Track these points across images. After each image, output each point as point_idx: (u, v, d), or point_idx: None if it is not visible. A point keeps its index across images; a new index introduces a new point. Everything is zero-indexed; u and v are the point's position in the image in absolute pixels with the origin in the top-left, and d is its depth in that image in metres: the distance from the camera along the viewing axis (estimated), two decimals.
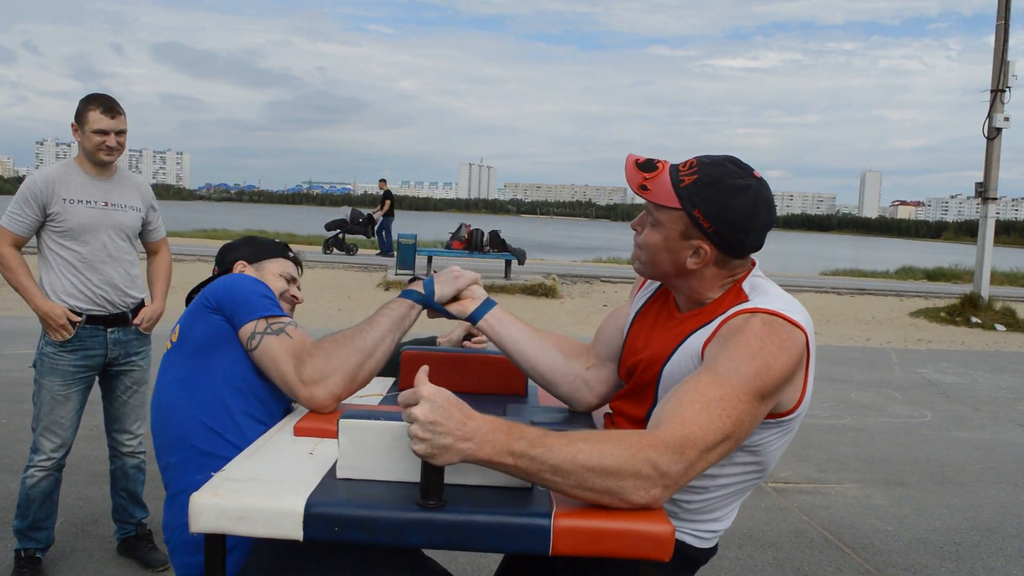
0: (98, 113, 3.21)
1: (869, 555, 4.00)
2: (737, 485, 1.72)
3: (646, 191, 1.70)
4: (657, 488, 1.37)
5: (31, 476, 3.25)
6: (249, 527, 1.32)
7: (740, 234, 1.66)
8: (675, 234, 1.68)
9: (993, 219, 14.86)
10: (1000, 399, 8.00)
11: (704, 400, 1.47)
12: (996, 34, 14.80)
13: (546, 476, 1.34)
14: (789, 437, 1.72)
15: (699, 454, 1.42)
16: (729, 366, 1.52)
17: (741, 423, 1.48)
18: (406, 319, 1.95)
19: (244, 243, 2.34)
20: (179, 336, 1.92)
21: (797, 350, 1.57)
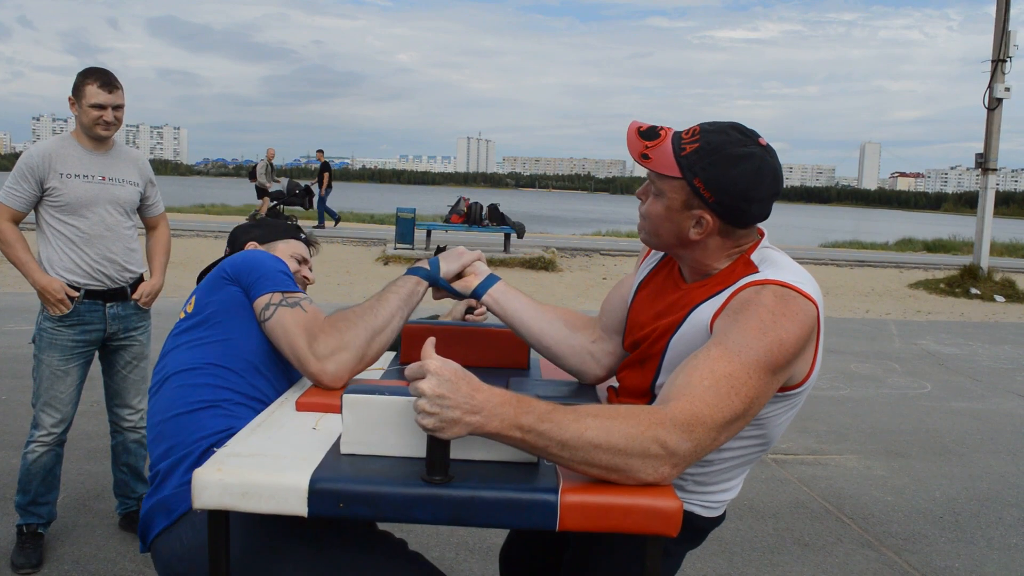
0: (95, 87, 3.18)
1: (869, 525, 4.02)
2: (742, 458, 1.72)
3: (647, 160, 1.65)
4: (665, 467, 1.36)
5: (32, 452, 3.25)
6: (253, 503, 1.31)
7: (743, 204, 1.61)
8: (677, 204, 1.64)
9: (993, 190, 14.83)
10: (999, 370, 8.02)
11: (714, 377, 1.43)
12: (997, 4, 14.68)
13: (553, 451, 1.33)
14: (796, 410, 1.70)
15: (708, 433, 1.40)
16: (740, 341, 1.48)
17: (752, 401, 1.46)
18: (414, 295, 1.94)
19: (256, 225, 2.35)
20: (195, 306, 1.92)
21: (809, 323, 1.53)
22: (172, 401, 1.79)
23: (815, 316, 1.55)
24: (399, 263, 14.07)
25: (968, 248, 21.00)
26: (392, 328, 1.88)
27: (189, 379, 1.80)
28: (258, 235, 2.31)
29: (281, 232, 2.33)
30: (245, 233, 2.32)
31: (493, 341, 2.20)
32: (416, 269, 1.99)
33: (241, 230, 2.34)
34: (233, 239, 2.33)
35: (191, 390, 1.78)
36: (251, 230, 2.33)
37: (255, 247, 2.23)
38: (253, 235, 2.30)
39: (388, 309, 1.88)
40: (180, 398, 1.78)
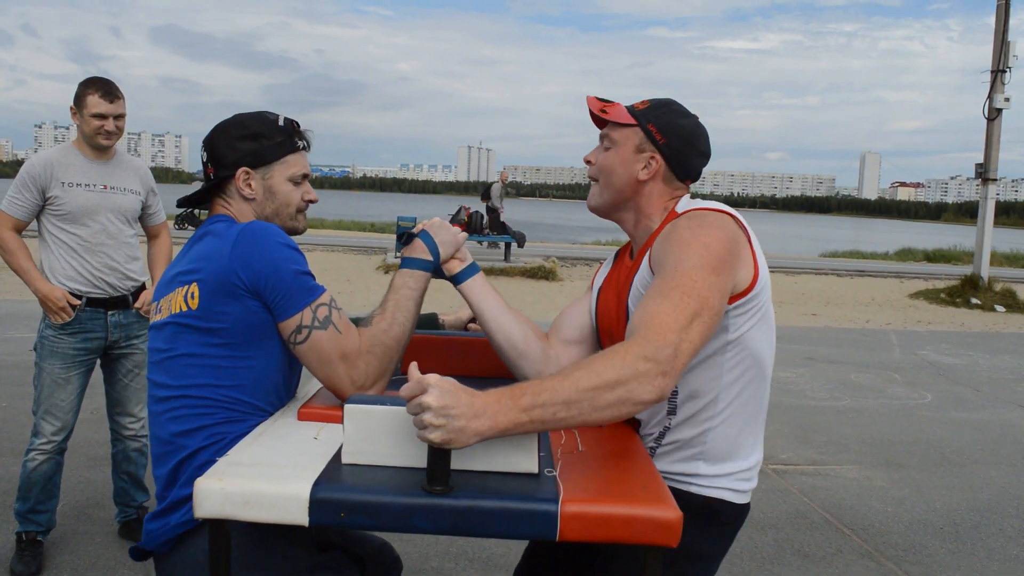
0: (97, 97, 3.19)
1: (869, 536, 4.02)
2: (744, 393, 1.78)
3: (606, 113, 1.89)
4: (659, 378, 1.43)
5: (32, 459, 3.25)
6: (254, 512, 1.31)
7: (687, 149, 1.86)
8: (630, 149, 1.86)
9: (993, 200, 14.84)
10: (1000, 380, 8.01)
11: (661, 295, 1.56)
12: (997, 14, 14.72)
13: (562, 415, 1.37)
14: (767, 324, 1.79)
15: (679, 334, 1.48)
16: (671, 261, 1.63)
17: (705, 298, 1.55)
18: (424, 292, 1.92)
19: (246, 136, 1.90)
20: (199, 306, 1.72)
21: (726, 226, 1.71)
22: (184, 427, 1.73)
23: (731, 222, 1.74)
24: None
25: (968, 258, 21.02)
26: (412, 333, 1.87)
27: (206, 410, 1.72)
28: (249, 156, 1.90)
29: (277, 149, 1.92)
30: (232, 149, 1.89)
31: (492, 351, 2.20)
32: (419, 262, 1.93)
33: (225, 141, 1.91)
34: (217, 153, 1.91)
35: (205, 419, 1.72)
36: (239, 145, 1.90)
37: (247, 174, 1.89)
38: (243, 154, 1.89)
39: (410, 318, 1.86)
40: (193, 425, 1.72)
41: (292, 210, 1.95)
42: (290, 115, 1.96)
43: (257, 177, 1.90)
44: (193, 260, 1.78)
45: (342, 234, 23.98)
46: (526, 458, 1.41)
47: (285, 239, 1.77)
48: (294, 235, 1.97)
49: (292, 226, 1.97)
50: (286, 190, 1.93)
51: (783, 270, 18.31)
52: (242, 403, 1.73)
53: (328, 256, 16.34)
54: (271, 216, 1.93)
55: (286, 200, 1.93)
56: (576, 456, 1.55)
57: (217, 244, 1.75)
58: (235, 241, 1.72)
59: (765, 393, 1.85)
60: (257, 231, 1.75)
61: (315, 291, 1.75)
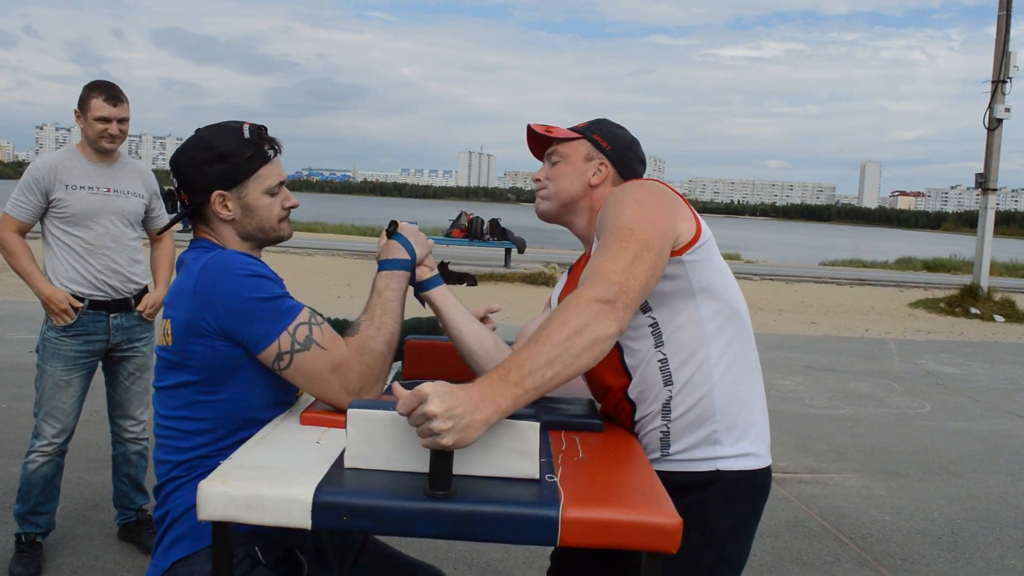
0: (100, 101, 3.21)
1: (867, 545, 4.02)
2: (732, 343, 1.83)
3: (551, 131, 2.03)
4: (615, 310, 1.52)
5: (32, 461, 3.26)
6: (257, 515, 1.32)
7: (630, 154, 2.02)
8: (579, 158, 1.99)
9: (993, 210, 14.86)
10: (999, 390, 8.02)
11: (603, 249, 1.65)
12: (998, 25, 14.76)
13: (549, 375, 1.43)
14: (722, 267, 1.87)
15: (623, 274, 1.57)
16: (608, 222, 1.71)
17: (644, 240, 1.63)
18: (406, 291, 1.93)
19: (213, 158, 1.82)
20: (174, 344, 1.73)
21: (655, 187, 1.81)
22: (164, 456, 1.78)
23: (658, 183, 1.85)
24: None
25: (968, 268, 21.03)
26: (399, 334, 1.88)
27: (182, 443, 1.75)
28: (221, 178, 1.83)
29: (247, 165, 1.84)
30: (201, 175, 1.82)
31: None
32: (398, 262, 1.93)
33: (194, 168, 1.82)
34: (187, 180, 1.84)
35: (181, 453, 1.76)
36: (207, 169, 1.82)
37: (222, 197, 1.83)
38: (213, 178, 1.82)
39: (397, 319, 1.86)
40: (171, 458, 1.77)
41: (274, 221, 1.90)
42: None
43: (233, 197, 1.85)
44: (172, 293, 1.80)
45: (343, 238, 23.99)
46: (527, 463, 1.42)
47: (247, 268, 1.71)
48: (280, 242, 1.96)
49: (277, 236, 1.93)
50: (264, 203, 1.87)
51: (783, 278, 18.33)
52: (218, 433, 1.75)
53: (329, 260, 16.35)
54: (254, 232, 1.89)
55: (267, 213, 1.88)
56: (577, 462, 1.56)
57: (186, 281, 1.75)
58: (196, 281, 1.71)
59: (752, 344, 1.91)
60: (216, 268, 1.71)
61: (288, 314, 1.71)
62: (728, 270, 1.89)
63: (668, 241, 1.70)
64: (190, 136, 1.88)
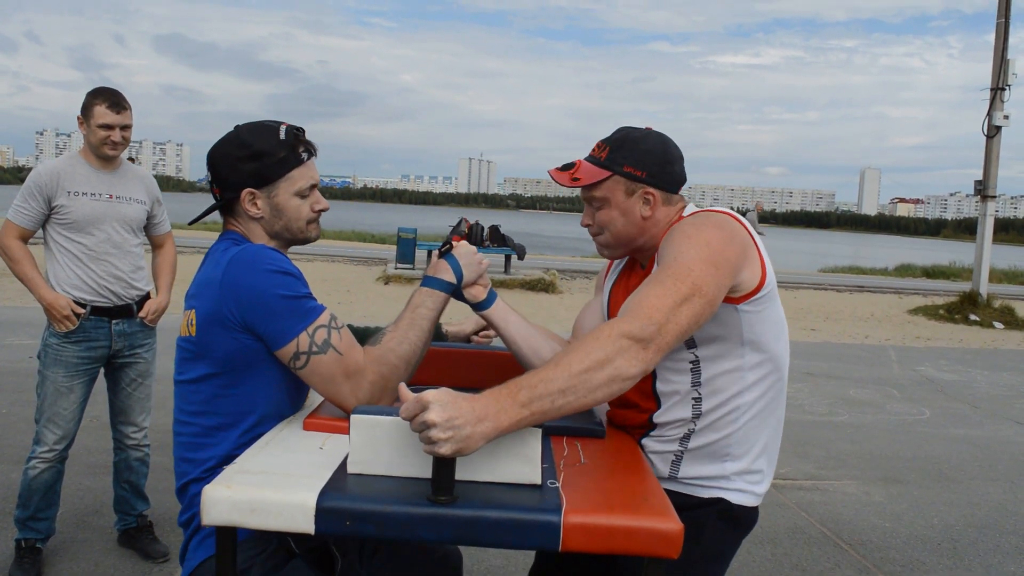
0: (104, 108, 3.22)
1: (867, 552, 4.02)
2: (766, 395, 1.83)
3: (578, 181, 1.88)
4: (643, 352, 1.47)
5: (33, 467, 3.26)
6: (261, 520, 1.33)
7: (667, 167, 1.87)
8: (620, 197, 1.86)
9: (992, 217, 14.88)
10: (998, 397, 8.02)
11: (656, 281, 1.59)
12: (996, 32, 14.80)
13: (560, 403, 1.40)
14: (778, 320, 1.82)
15: (666, 315, 1.52)
16: (671, 253, 1.65)
17: (699, 285, 1.57)
18: (441, 313, 1.93)
19: (247, 157, 1.85)
20: (197, 334, 1.75)
21: (729, 226, 1.73)
22: (186, 454, 1.80)
23: (736, 224, 1.75)
24: (400, 283, 14.10)
25: (967, 274, 21.05)
26: (424, 352, 1.87)
27: (205, 440, 1.77)
28: (253, 176, 1.86)
29: (280, 166, 1.86)
30: (234, 171, 1.86)
31: (495, 363, 2.22)
32: (442, 283, 1.94)
33: (227, 164, 1.87)
34: (222, 176, 1.88)
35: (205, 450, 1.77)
36: (241, 166, 1.85)
37: (252, 195, 1.86)
38: (245, 175, 1.85)
39: (424, 337, 1.86)
40: (194, 455, 1.79)
41: (302, 223, 1.92)
42: (292, 124, 1.93)
43: (263, 196, 1.87)
44: (197, 284, 1.82)
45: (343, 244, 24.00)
46: (529, 469, 1.43)
47: (275, 264, 1.73)
48: (307, 244, 1.98)
49: (304, 237, 1.95)
50: (294, 205, 1.89)
51: (782, 285, 18.28)
52: (233, 428, 1.76)
53: (328, 266, 16.36)
54: (281, 231, 1.91)
55: (295, 215, 1.90)
56: (579, 468, 1.57)
57: (213, 272, 1.77)
58: (224, 272, 1.72)
59: (783, 395, 1.89)
60: (244, 261, 1.73)
61: (310, 315, 1.73)
62: (783, 321, 1.86)
63: (723, 290, 1.65)
64: (228, 132, 1.91)
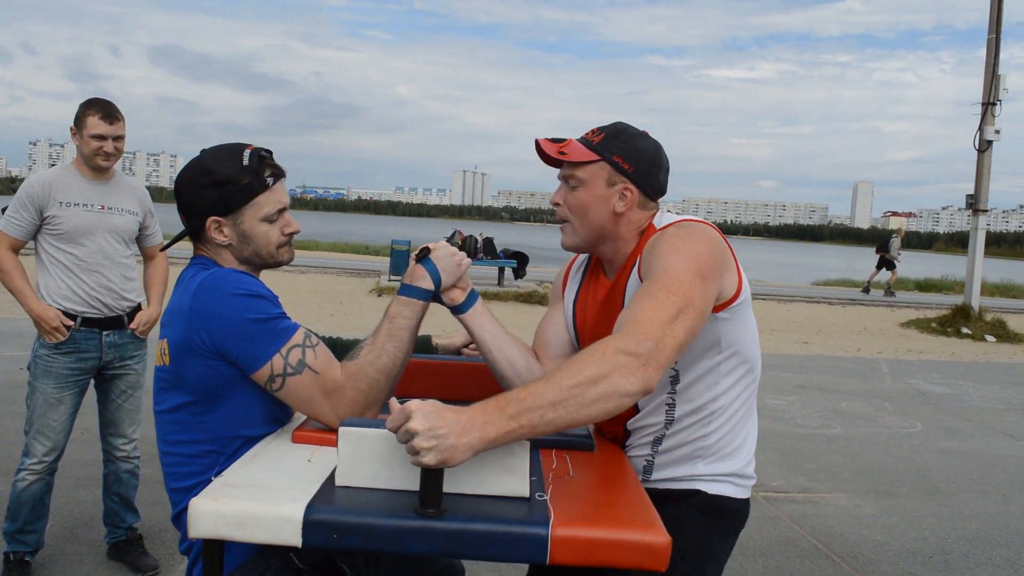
0: (96, 118, 3.22)
1: (859, 564, 4.02)
2: (740, 396, 1.85)
3: (564, 155, 1.86)
4: (640, 369, 1.45)
5: (22, 480, 3.24)
6: (248, 533, 1.32)
7: (654, 170, 1.86)
8: (600, 184, 1.84)
9: (984, 231, 14.94)
10: (990, 410, 8.04)
11: (647, 295, 1.58)
12: (988, 47, 14.90)
13: (550, 417, 1.38)
14: (750, 322, 1.84)
15: (662, 329, 1.50)
16: (659, 265, 1.65)
17: (690, 298, 1.58)
18: (420, 322, 1.90)
19: (210, 184, 1.81)
20: (171, 363, 1.73)
21: (713, 238, 1.74)
22: (176, 484, 1.79)
23: (716, 234, 1.77)
24: (393, 295, 14.06)
25: (959, 288, 21.09)
26: (405, 363, 1.85)
27: (189, 468, 1.76)
28: (216, 205, 1.82)
29: (243, 193, 1.82)
30: (198, 199, 1.83)
31: (486, 376, 2.21)
32: (418, 291, 1.90)
33: (191, 193, 1.83)
34: (184, 204, 1.85)
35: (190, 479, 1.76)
36: (204, 194, 1.82)
37: (218, 223, 1.83)
38: (210, 204, 1.82)
39: (403, 348, 1.83)
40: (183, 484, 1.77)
41: (272, 248, 1.88)
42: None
43: (228, 224, 1.84)
44: (168, 312, 1.80)
45: (336, 256, 23.98)
46: (517, 482, 1.43)
47: (243, 287, 1.70)
48: (279, 267, 1.95)
49: (275, 261, 1.91)
50: (261, 231, 1.86)
51: (775, 298, 18.36)
52: (218, 454, 1.75)
53: (322, 278, 16.34)
54: (251, 257, 1.88)
55: (263, 240, 1.87)
56: (567, 480, 1.57)
57: (182, 299, 1.75)
58: (192, 298, 1.70)
59: (755, 390, 1.92)
60: (212, 286, 1.70)
61: (282, 335, 1.70)
62: (754, 325, 1.88)
63: (712, 300, 1.66)
64: (194, 157, 1.88)
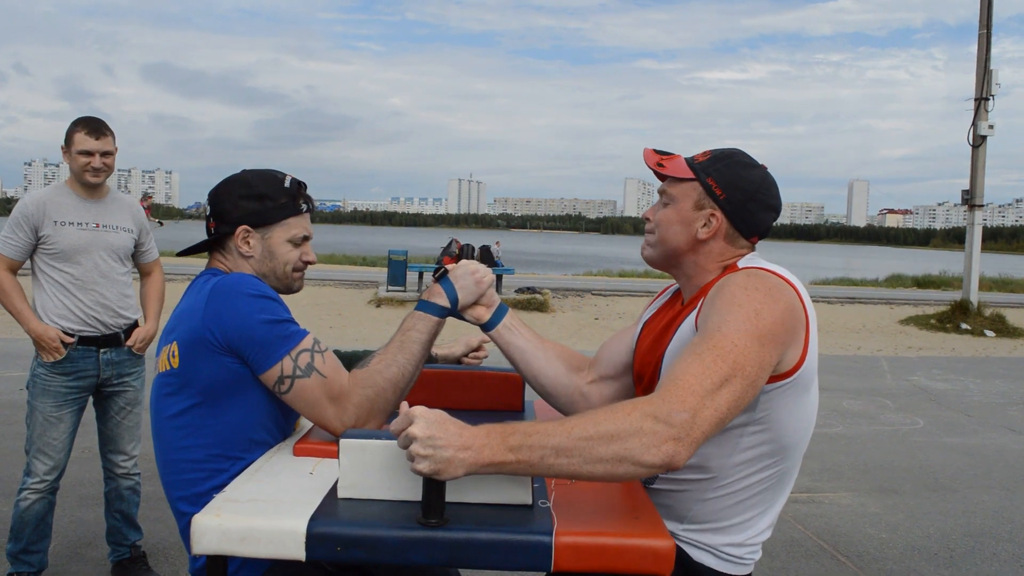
0: (83, 134, 3.21)
1: (864, 563, 4.01)
2: (755, 476, 1.65)
3: (662, 167, 1.79)
4: (669, 442, 1.33)
5: (24, 499, 3.23)
6: (252, 548, 1.32)
7: (751, 204, 1.72)
8: (688, 205, 1.74)
9: (980, 226, 14.96)
10: (991, 404, 8.04)
11: (695, 354, 1.45)
12: (979, 43, 14.95)
13: (550, 462, 1.32)
14: (800, 408, 1.64)
15: (701, 400, 1.37)
16: (715, 320, 1.51)
17: (741, 365, 1.44)
18: (435, 337, 1.90)
19: (251, 195, 1.92)
20: (180, 364, 1.75)
21: (786, 298, 1.56)
22: (182, 492, 1.78)
23: (792, 295, 1.59)
24: (391, 305, 14.08)
25: (958, 284, 21.13)
26: (415, 376, 1.85)
27: (194, 475, 1.75)
28: (252, 215, 1.91)
29: (279, 211, 1.92)
30: (235, 207, 1.91)
31: (488, 384, 2.21)
32: (434, 307, 1.90)
33: (229, 200, 1.92)
34: (220, 210, 1.93)
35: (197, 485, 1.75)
36: (243, 204, 1.91)
37: (247, 232, 1.91)
38: (245, 213, 1.91)
39: (415, 361, 1.83)
40: (188, 492, 1.76)
41: (288, 269, 1.96)
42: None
43: (256, 236, 1.92)
44: (176, 317, 1.83)
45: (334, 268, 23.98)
46: (520, 490, 1.43)
47: (258, 289, 1.75)
48: (289, 294, 1.98)
49: (287, 285, 1.97)
50: (284, 251, 1.94)
51: None
52: (222, 458, 1.75)
53: (320, 290, 16.33)
54: (268, 274, 1.93)
55: (284, 259, 1.95)
56: (569, 487, 1.57)
57: (194, 300, 1.78)
58: (207, 297, 1.74)
59: (787, 479, 1.71)
60: (228, 285, 1.75)
61: (293, 338, 1.73)
62: (811, 414, 1.67)
63: (768, 371, 1.50)
64: (235, 173, 1.98)
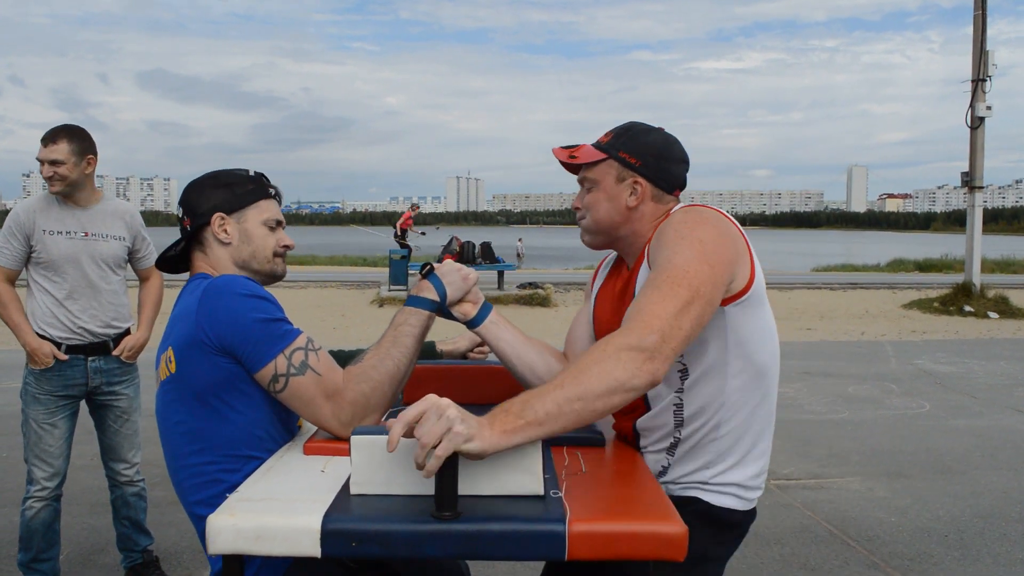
0: (40, 144, 3.19)
1: (874, 547, 4.02)
2: (749, 401, 1.79)
3: (574, 158, 1.91)
4: (646, 363, 1.47)
5: (29, 508, 3.24)
6: (267, 546, 1.33)
7: (664, 163, 1.87)
8: (610, 181, 1.87)
9: (981, 208, 14.96)
10: (996, 386, 8.05)
11: (652, 287, 1.57)
12: (974, 24, 14.93)
13: (555, 414, 1.41)
14: (762, 323, 1.78)
15: (669, 321, 1.51)
16: (664, 255, 1.63)
17: (697, 287, 1.56)
18: (426, 331, 1.92)
19: (218, 185, 1.98)
20: (177, 368, 1.76)
21: (722, 223, 1.72)
22: (196, 496, 1.78)
23: (727, 222, 1.74)
24: (394, 305, 14.09)
25: (960, 266, 21.13)
26: (410, 370, 1.86)
27: (205, 478, 1.75)
28: (224, 202, 1.95)
29: (248, 194, 1.97)
30: (205, 198, 1.96)
31: (492, 379, 2.21)
32: (424, 301, 1.92)
33: (199, 193, 1.97)
34: (192, 204, 1.96)
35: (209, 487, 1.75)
36: (212, 194, 1.96)
37: (222, 219, 1.94)
38: (217, 202, 1.95)
39: (408, 355, 1.85)
40: (201, 496, 1.76)
41: (268, 253, 1.97)
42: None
43: (232, 221, 1.95)
44: (170, 323, 1.83)
45: (335, 269, 24.01)
46: (532, 480, 1.43)
47: (249, 289, 1.75)
48: (274, 279, 2.00)
49: (270, 269, 1.99)
50: (261, 234, 1.97)
51: (776, 286, 18.38)
52: (233, 458, 1.75)
53: (322, 292, 16.36)
54: (248, 259, 1.95)
55: (262, 243, 1.97)
56: (580, 477, 1.57)
57: (187, 304, 1.78)
58: (200, 298, 1.74)
59: (771, 403, 1.86)
60: (219, 286, 1.75)
61: (286, 337, 1.74)
62: (772, 329, 1.82)
63: (721, 289, 1.63)
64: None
